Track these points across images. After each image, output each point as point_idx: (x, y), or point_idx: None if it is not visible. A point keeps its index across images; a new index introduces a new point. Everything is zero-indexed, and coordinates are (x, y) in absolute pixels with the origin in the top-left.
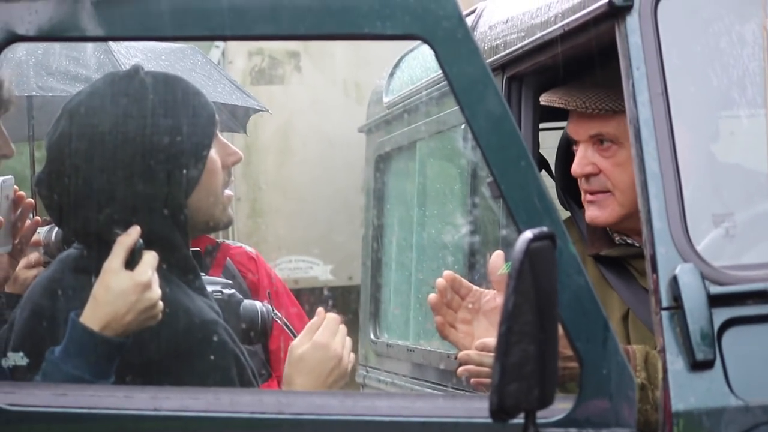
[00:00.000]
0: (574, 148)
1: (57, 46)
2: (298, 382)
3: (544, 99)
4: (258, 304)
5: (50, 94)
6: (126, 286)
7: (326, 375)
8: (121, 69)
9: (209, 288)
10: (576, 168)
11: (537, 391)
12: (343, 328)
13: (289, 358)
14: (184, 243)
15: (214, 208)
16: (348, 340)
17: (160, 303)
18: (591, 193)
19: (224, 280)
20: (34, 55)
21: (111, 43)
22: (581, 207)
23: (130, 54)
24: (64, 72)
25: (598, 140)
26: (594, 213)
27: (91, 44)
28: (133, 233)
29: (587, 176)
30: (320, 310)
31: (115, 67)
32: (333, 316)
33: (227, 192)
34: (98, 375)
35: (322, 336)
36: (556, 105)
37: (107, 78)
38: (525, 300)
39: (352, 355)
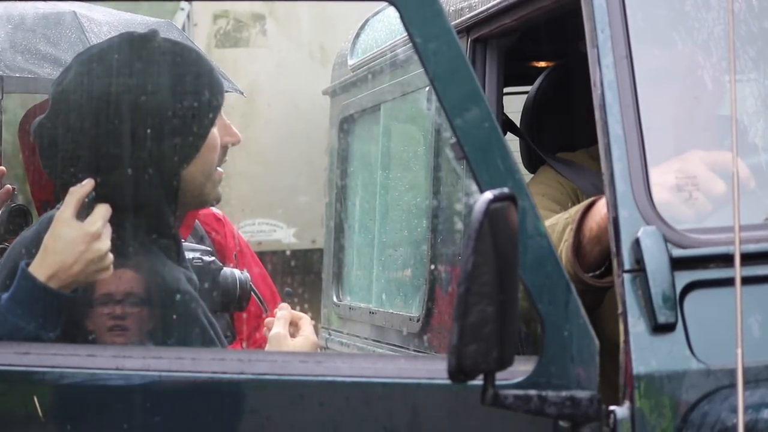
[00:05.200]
0: None
1: (28, 24)
2: None
3: None
4: (237, 272)
5: (17, 75)
6: (75, 235)
7: None
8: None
9: (189, 255)
10: None
11: (496, 352)
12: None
13: (280, 347)
14: (170, 212)
15: (207, 183)
16: None
17: (110, 255)
18: None
19: (204, 248)
20: (5, 30)
21: (84, 22)
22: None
23: (103, 32)
24: (33, 51)
25: None
26: None
27: (65, 24)
28: (87, 185)
29: None
30: (285, 305)
31: (86, 46)
32: (306, 317)
33: (219, 170)
34: (41, 327)
35: (312, 333)
36: None
37: (123, 37)
38: (484, 261)
39: None
